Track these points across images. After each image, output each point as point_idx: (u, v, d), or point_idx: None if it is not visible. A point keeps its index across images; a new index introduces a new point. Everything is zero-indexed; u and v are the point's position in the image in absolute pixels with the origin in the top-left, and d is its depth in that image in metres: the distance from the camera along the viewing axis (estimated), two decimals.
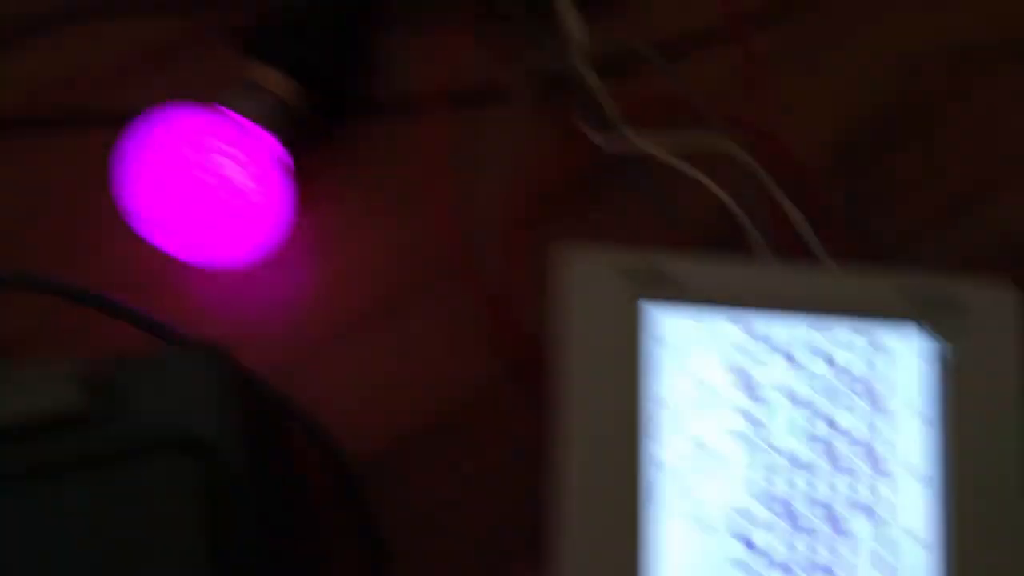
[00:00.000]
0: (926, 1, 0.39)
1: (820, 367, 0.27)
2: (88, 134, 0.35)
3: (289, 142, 0.34)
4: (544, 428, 0.28)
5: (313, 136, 0.36)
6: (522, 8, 0.36)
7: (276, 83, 0.34)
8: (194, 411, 0.24)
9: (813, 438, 0.26)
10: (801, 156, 0.36)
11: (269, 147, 0.33)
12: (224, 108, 0.33)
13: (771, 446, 0.26)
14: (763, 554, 0.26)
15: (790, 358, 0.27)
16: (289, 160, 0.35)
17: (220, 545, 0.22)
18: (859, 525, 0.26)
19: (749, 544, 0.26)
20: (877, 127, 0.37)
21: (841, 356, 0.27)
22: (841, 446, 0.26)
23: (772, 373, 0.27)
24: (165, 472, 0.22)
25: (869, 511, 0.26)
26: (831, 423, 0.27)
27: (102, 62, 0.37)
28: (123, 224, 0.33)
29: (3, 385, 0.23)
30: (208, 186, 0.32)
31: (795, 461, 0.26)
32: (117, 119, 0.33)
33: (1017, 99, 0.38)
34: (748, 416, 0.26)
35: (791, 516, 0.26)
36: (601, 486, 0.25)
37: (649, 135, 0.33)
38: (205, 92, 0.33)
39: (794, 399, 0.27)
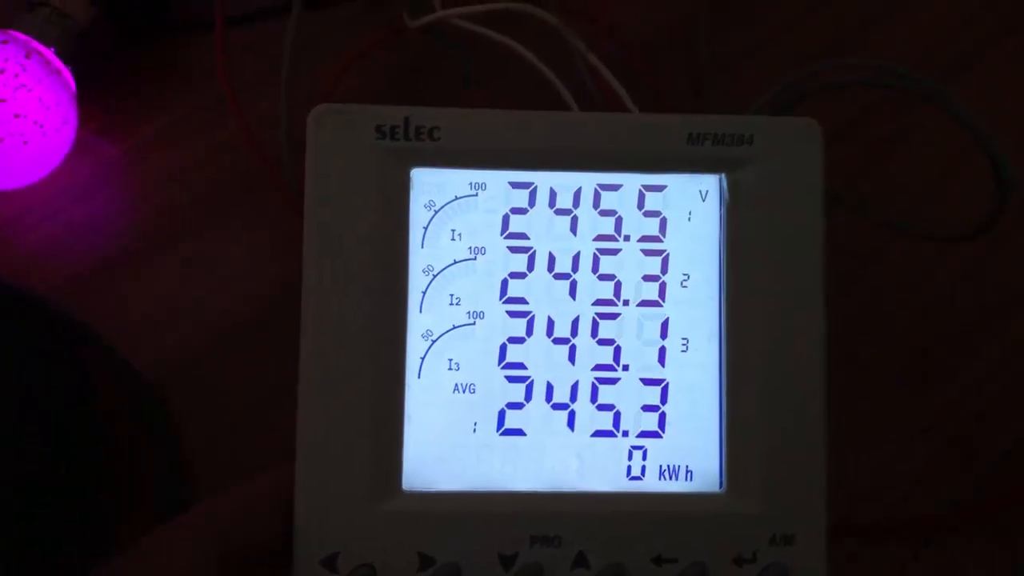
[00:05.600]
0: None
1: (603, 224, 0.25)
2: None
3: (72, 57, 0.33)
4: None
5: (106, 55, 0.36)
6: None
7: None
8: None
9: (595, 301, 0.25)
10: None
11: (42, 61, 0.32)
12: None
13: (545, 310, 0.25)
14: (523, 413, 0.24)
15: (569, 216, 0.25)
16: (68, 75, 0.34)
17: None
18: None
19: (510, 405, 0.24)
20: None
21: (626, 211, 0.25)
22: (624, 310, 0.25)
23: (549, 233, 0.25)
24: None
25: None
26: (615, 285, 0.25)
27: None
28: None
29: None
30: None
31: (572, 324, 0.25)
32: None
33: None
34: (521, 277, 0.24)
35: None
36: (355, 361, 0.23)
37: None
38: None
39: (575, 262, 0.25)
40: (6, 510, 0.26)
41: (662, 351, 0.24)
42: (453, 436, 0.24)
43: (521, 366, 0.24)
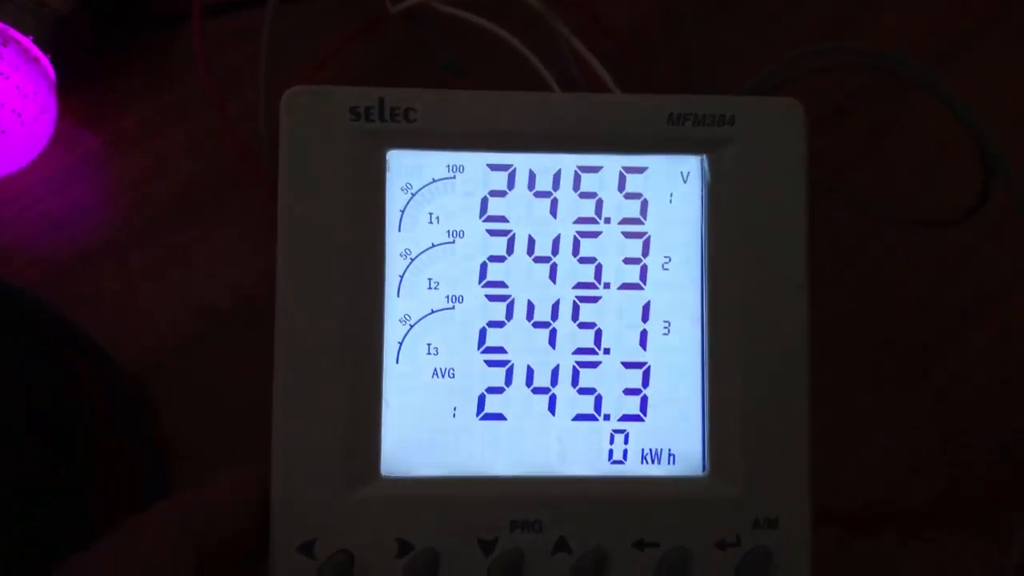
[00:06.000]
0: None
1: (584, 207, 0.24)
2: None
3: (51, 46, 0.33)
4: None
5: (88, 45, 0.35)
6: None
7: None
8: None
9: (576, 284, 0.24)
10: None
11: (20, 49, 0.31)
12: None
13: (524, 294, 0.24)
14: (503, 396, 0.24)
15: (549, 198, 0.24)
16: (47, 64, 0.33)
17: None
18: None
19: (490, 389, 0.24)
20: None
21: (607, 193, 0.24)
22: (605, 294, 0.24)
23: (529, 216, 0.24)
24: None
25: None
26: (596, 268, 0.24)
27: None
28: None
29: None
30: None
31: (552, 309, 0.24)
32: None
33: None
34: (500, 261, 0.24)
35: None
36: (333, 342, 0.23)
37: None
38: None
39: (555, 245, 0.24)
40: (6, 510, 0.26)
41: (643, 334, 0.24)
42: (432, 421, 0.23)
43: (501, 350, 0.24)
